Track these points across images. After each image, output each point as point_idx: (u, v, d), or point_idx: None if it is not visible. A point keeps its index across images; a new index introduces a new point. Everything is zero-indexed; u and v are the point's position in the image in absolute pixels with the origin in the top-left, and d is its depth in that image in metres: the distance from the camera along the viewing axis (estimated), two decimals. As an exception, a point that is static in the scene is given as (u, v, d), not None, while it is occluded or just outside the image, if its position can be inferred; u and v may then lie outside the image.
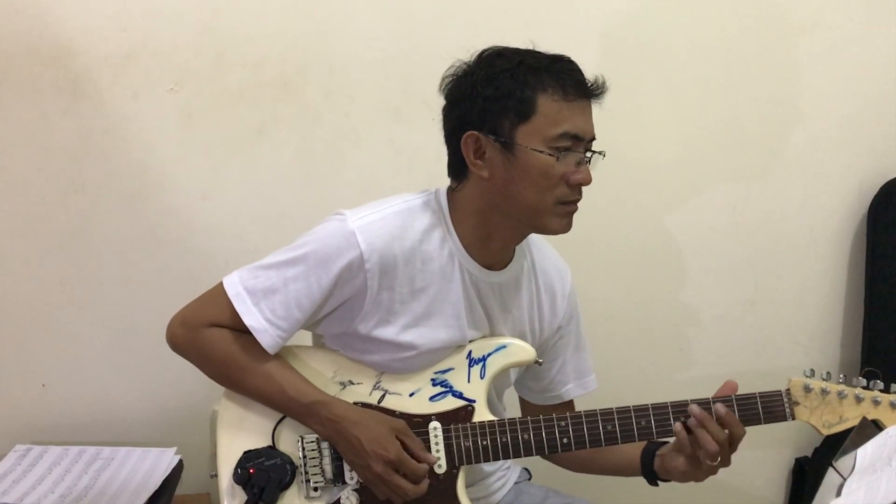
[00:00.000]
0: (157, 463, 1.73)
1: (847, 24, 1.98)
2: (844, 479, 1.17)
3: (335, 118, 1.86)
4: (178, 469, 1.74)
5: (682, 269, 2.07)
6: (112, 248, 1.83)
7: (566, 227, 1.34)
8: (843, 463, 1.23)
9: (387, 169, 1.90)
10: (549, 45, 1.35)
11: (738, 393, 1.37)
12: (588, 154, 1.32)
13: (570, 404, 1.57)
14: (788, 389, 1.37)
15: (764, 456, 2.19)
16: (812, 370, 1.39)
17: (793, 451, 2.19)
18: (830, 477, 1.20)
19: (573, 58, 1.33)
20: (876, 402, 1.34)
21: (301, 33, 1.81)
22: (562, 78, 1.28)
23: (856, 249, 2.10)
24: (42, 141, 1.77)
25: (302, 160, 1.87)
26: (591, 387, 1.57)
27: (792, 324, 2.13)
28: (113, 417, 1.88)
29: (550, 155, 1.27)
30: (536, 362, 1.43)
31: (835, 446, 2.04)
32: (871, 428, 1.31)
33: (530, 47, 1.33)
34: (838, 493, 1.14)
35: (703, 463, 1.35)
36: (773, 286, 2.10)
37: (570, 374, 1.55)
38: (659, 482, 1.47)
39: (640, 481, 2.19)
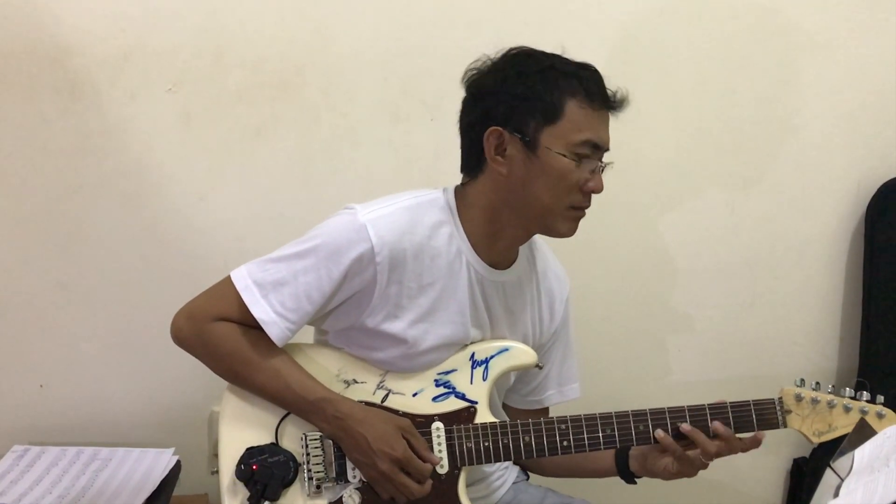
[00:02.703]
0: (154, 463, 1.73)
1: (844, 24, 1.98)
2: (842, 480, 1.17)
3: (334, 119, 1.86)
4: (175, 469, 1.73)
5: (679, 270, 2.07)
6: (110, 249, 1.83)
7: (572, 232, 1.36)
8: (840, 463, 1.23)
9: (385, 169, 1.90)
10: (546, 45, 1.35)
11: (732, 400, 1.40)
12: (602, 163, 1.34)
13: (545, 411, 1.58)
14: (781, 398, 1.41)
15: (762, 456, 2.18)
16: (802, 380, 1.42)
17: (791, 451, 2.19)
18: (828, 477, 1.20)
19: (573, 56, 1.34)
20: (863, 412, 1.38)
21: (299, 34, 1.82)
22: (590, 86, 1.30)
23: (854, 250, 2.10)
24: (40, 141, 1.77)
25: (300, 161, 1.87)
26: (572, 395, 1.58)
27: (790, 325, 2.13)
28: (111, 418, 1.88)
29: (572, 160, 1.29)
30: (537, 366, 1.44)
31: (832, 447, 2.05)
32: (868, 429, 1.31)
33: (557, 51, 1.34)
34: (836, 494, 1.14)
35: (696, 461, 1.38)
36: (771, 287, 2.10)
37: (552, 380, 1.57)
38: (636, 480, 1.50)
39: (639, 482, 2.18)
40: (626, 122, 1.94)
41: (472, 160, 1.36)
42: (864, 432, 1.29)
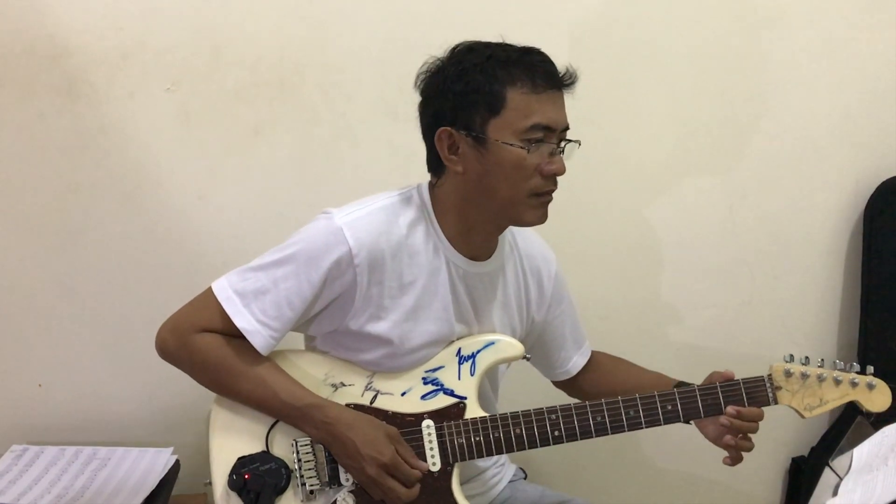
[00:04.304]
0: (153, 463, 1.74)
1: (843, 22, 1.98)
2: (841, 479, 1.18)
3: (332, 118, 1.86)
4: (174, 469, 1.74)
5: (678, 268, 2.07)
6: (109, 248, 1.83)
7: (541, 219, 1.35)
8: (839, 462, 1.23)
9: (384, 169, 1.90)
10: (546, 45, 1.35)
11: (721, 381, 1.40)
12: (562, 144, 1.32)
13: (579, 377, 1.62)
14: (770, 375, 1.41)
15: (760, 455, 2.17)
16: (791, 355, 1.41)
17: (789, 450, 2.20)
18: (827, 476, 1.21)
19: (572, 56, 1.33)
20: (854, 384, 1.38)
21: (298, 33, 1.81)
22: (531, 70, 1.29)
23: (852, 249, 2.10)
24: (38, 140, 1.77)
25: (299, 160, 1.87)
26: (589, 352, 1.63)
27: (789, 323, 2.13)
28: (110, 417, 1.88)
29: (521, 147, 1.28)
30: (525, 358, 1.45)
31: (831, 446, 2.06)
32: (866, 427, 1.32)
33: (503, 40, 1.33)
34: (835, 493, 1.14)
35: (745, 444, 1.39)
36: (770, 286, 2.10)
37: (570, 348, 1.60)
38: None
39: (635, 481, 2.20)
40: (624, 120, 1.96)
41: (434, 162, 1.38)
42: (862, 431, 1.29)
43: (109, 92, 1.77)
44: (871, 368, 1.39)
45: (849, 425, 1.99)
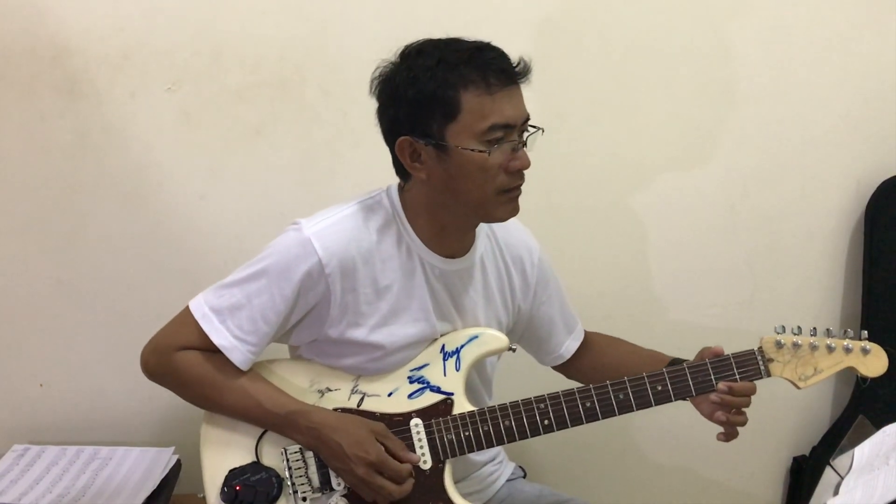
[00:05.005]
0: (155, 462, 1.74)
1: (845, 22, 1.98)
2: (842, 478, 1.18)
3: (333, 118, 1.86)
4: (175, 469, 1.74)
5: (680, 268, 2.07)
6: (110, 248, 1.83)
7: (513, 213, 1.34)
8: (840, 461, 1.23)
9: (385, 169, 1.88)
10: (547, 45, 1.35)
11: (711, 358, 1.38)
12: (525, 135, 1.31)
13: (574, 360, 1.61)
14: (761, 347, 1.38)
15: (762, 454, 2.19)
16: (783, 326, 1.39)
17: (791, 449, 2.19)
18: (828, 476, 1.21)
19: (574, 57, 1.33)
20: (847, 350, 1.35)
21: (299, 33, 1.81)
22: (482, 69, 1.26)
23: (853, 248, 2.10)
24: (40, 141, 1.77)
25: (300, 160, 1.87)
26: (582, 334, 1.61)
27: (789, 323, 2.13)
28: (111, 417, 1.88)
29: (482, 151, 1.27)
30: (510, 349, 1.44)
31: (832, 445, 2.06)
32: (868, 426, 1.31)
33: (451, 35, 1.32)
34: (836, 492, 1.15)
35: (738, 419, 1.37)
36: (771, 286, 2.10)
37: (561, 332, 1.59)
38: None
39: (636, 481, 2.20)
40: (625, 120, 1.96)
41: (398, 167, 1.37)
42: (863, 430, 1.29)
43: (110, 92, 1.77)
44: (864, 333, 1.36)
45: (850, 424, 1.99)
